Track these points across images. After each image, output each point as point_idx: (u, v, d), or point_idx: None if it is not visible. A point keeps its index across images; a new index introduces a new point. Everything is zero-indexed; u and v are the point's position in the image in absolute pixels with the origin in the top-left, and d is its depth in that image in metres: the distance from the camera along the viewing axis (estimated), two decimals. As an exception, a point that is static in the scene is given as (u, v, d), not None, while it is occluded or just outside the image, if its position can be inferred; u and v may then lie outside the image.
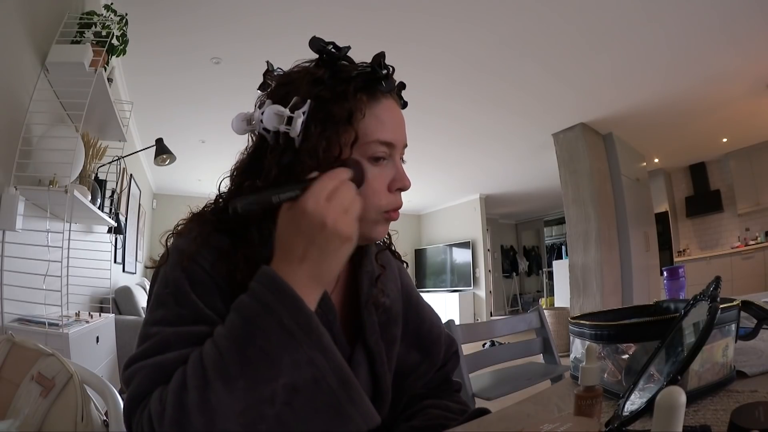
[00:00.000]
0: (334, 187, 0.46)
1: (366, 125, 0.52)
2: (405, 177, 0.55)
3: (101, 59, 1.69)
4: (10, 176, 1.40)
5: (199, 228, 0.52)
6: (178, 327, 0.46)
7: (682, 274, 1.15)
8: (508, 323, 1.67)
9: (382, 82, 0.53)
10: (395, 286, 0.66)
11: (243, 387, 0.40)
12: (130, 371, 0.45)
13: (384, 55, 0.53)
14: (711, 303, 0.48)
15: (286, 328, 0.42)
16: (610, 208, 4.41)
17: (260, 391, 0.40)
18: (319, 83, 0.51)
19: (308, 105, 0.50)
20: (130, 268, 3.91)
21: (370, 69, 0.53)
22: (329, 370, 0.43)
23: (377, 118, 0.53)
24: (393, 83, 0.55)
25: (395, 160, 0.55)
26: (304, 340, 0.42)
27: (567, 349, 0.76)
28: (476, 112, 4.02)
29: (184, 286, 0.48)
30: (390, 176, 0.54)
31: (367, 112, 0.52)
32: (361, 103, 0.52)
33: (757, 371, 0.58)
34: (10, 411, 0.74)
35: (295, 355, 0.42)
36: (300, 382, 0.41)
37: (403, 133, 0.56)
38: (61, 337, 1.37)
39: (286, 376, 0.41)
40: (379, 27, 2.68)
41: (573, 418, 0.42)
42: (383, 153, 0.53)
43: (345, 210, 0.46)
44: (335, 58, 0.52)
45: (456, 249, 7.71)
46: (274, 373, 0.41)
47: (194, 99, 3.49)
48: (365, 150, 0.52)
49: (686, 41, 2.95)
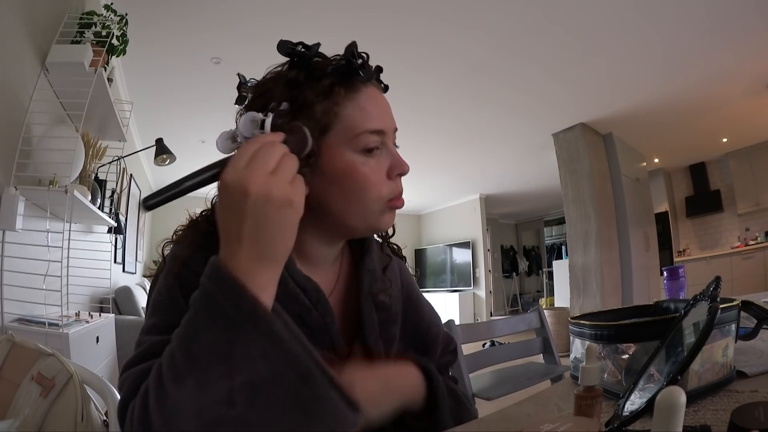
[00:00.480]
0: (254, 151, 0.41)
1: (351, 118, 0.51)
2: (402, 161, 0.55)
3: (101, 59, 1.69)
4: (10, 176, 1.40)
5: (193, 234, 0.52)
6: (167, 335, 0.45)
7: (682, 274, 1.15)
8: (508, 323, 1.67)
9: (360, 72, 0.52)
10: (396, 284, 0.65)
11: (193, 386, 0.37)
12: (121, 379, 0.45)
13: (356, 44, 0.51)
14: (711, 303, 0.48)
15: (229, 318, 0.38)
16: (610, 208, 4.41)
17: (213, 390, 0.37)
18: (295, 85, 0.50)
19: (283, 105, 0.49)
20: (130, 268, 3.91)
21: (345, 61, 0.51)
22: (285, 364, 0.38)
23: (361, 108, 0.52)
24: (370, 70, 0.53)
25: (388, 146, 0.55)
26: (251, 331, 0.38)
27: (567, 349, 0.76)
28: (476, 113, 4.02)
29: (175, 293, 0.47)
30: (387, 164, 0.54)
31: (349, 104, 0.51)
32: (340, 96, 0.50)
33: (757, 371, 0.58)
34: (10, 411, 0.74)
35: (246, 349, 0.38)
36: (258, 379, 0.38)
37: (390, 118, 0.55)
38: (61, 337, 1.37)
39: (242, 374, 0.37)
40: (378, 28, 2.68)
41: (573, 418, 0.42)
42: (375, 142, 0.52)
43: (270, 171, 0.40)
44: (306, 57, 0.51)
45: (456, 249, 7.71)
46: (225, 370, 0.37)
47: (194, 99, 3.49)
48: (356, 143, 0.51)
49: (686, 41, 2.95)
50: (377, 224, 0.55)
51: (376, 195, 0.52)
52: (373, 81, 0.55)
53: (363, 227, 0.55)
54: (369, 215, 0.53)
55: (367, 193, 0.52)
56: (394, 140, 0.57)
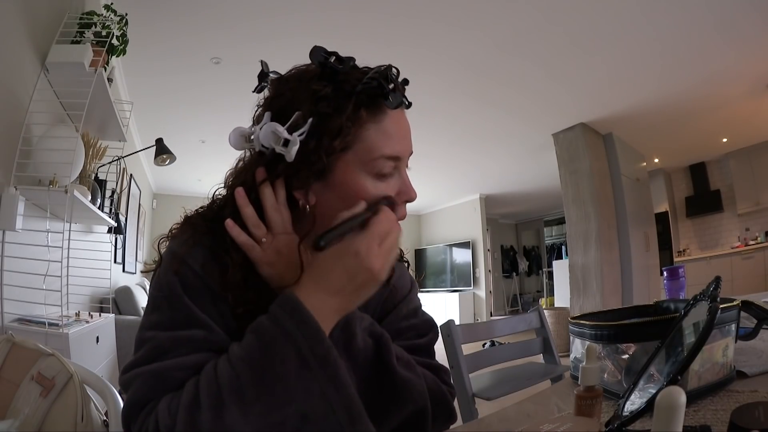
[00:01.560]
0: (386, 231, 0.47)
1: (372, 140, 0.50)
2: (411, 189, 0.55)
3: (101, 59, 1.69)
4: (10, 176, 1.40)
5: (191, 230, 0.53)
6: (172, 331, 0.46)
7: (682, 274, 1.15)
8: (508, 323, 1.67)
9: (389, 98, 0.50)
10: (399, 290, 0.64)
11: (258, 411, 0.40)
12: (127, 377, 0.45)
13: (391, 68, 0.50)
14: (711, 303, 0.48)
15: (303, 357, 0.42)
16: (610, 208, 4.41)
17: (274, 416, 0.41)
18: (321, 99, 0.49)
19: (308, 125, 0.48)
20: (130, 268, 3.91)
21: (377, 83, 0.49)
22: (340, 405, 0.42)
23: (383, 132, 0.51)
24: (399, 98, 0.50)
25: (401, 171, 0.54)
26: (318, 372, 0.42)
27: (567, 349, 0.76)
28: (476, 113, 4.02)
29: (176, 289, 0.48)
30: (396, 189, 0.53)
31: (372, 126, 0.50)
32: (364, 119, 0.49)
33: (757, 371, 0.58)
34: (10, 411, 0.74)
35: (308, 385, 0.42)
36: (311, 411, 0.42)
37: (408, 142, 0.55)
38: (61, 337, 1.37)
39: (297, 403, 0.41)
40: (378, 29, 2.68)
41: (573, 418, 0.42)
42: (390, 168, 0.52)
43: (391, 257, 0.47)
44: (338, 71, 0.49)
45: (456, 249, 7.70)
46: (287, 399, 0.41)
47: (194, 99, 3.49)
48: (372, 167, 0.50)
49: (686, 41, 2.95)
50: None
51: None
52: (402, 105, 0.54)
53: None
54: None
55: None
56: (407, 164, 0.56)
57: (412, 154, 0.56)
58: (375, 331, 0.53)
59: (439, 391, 0.57)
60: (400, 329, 0.60)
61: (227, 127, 0.59)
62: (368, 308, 0.58)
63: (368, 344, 0.52)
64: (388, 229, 0.47)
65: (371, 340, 0.53)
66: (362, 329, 0.52)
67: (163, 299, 0.48)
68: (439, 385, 0.57)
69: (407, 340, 0.60)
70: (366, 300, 0.48)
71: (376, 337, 0.53)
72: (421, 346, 0.61)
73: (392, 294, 0.62)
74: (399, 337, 0.60)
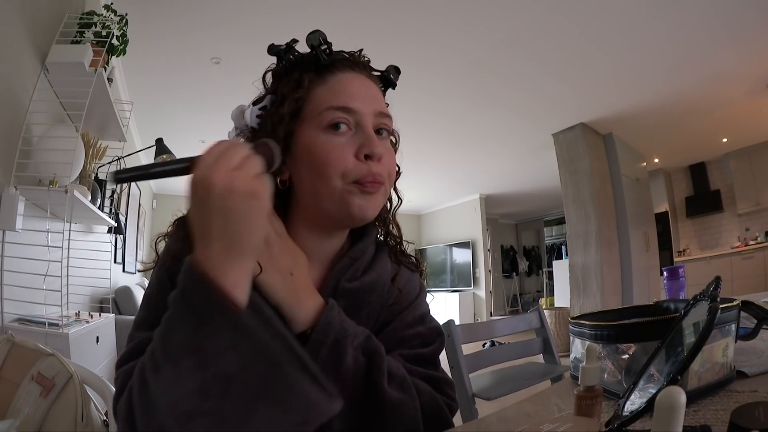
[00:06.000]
0: (220, 150, 0.41)
1: (318, 98, 0.53)
2: (373, 143, 0.52)
3: (101, 59, 1.69)
4: (10, 176, 1.40)
5: (184, 228, 0.52)
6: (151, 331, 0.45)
7: (682, 274, 1.15)
8: (508, 323, 1.67)
9: (323, 56, 0.54)
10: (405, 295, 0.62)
11: (168, 379, 0.38)
12: (115, 375, 0.47)
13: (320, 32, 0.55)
14: (711, 303, 0.48)
15: (199, 312, 0.39)
16: (610, 208, 4.41)
17: (186, 383, 0.38)
18: (274, 78, 0.57)
19: (267, 100, 0.55)
20: (130, 268, 3.91)
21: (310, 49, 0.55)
22: (254, 353, 0.39)
23: (330, 88, 0.54)
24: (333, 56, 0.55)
25: (364, 128, 0.53)
26: (220, 322, 0.39)
27: (567, 349, 0.76)
28: (476, 112, 4.02)
29: (165, 287, 0.47)
30: (357, 144, 0.52)
31: (319, 87, 0.54)
32: (308, 82, 0.54)
33: (757, 371, 0.58)
34: (10, 411, 0.74)
35: (216, 341, 0.39)
36: (229, 370, 0.38)
37: (367, 100, 0.54)
38: (61, 337, 1.37)
39: (214, 366, 0.38)
40: (379, 27, 2.68)
41: (573, 418, 0.42)
42: (340, 118, 0.52)
43: (235, 167, 0.40)
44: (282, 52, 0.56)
45: (456, 249, 7.71)
46: (196, 362, 0.38)
47: (194, 99, 3.49)
48: (320, 121, 0.52)
49: (686, 41, 2.95)
50: (348, 207, 0.52)
51: (336, 171, 0.51)
52: (357, 68, 0.56)
53: (335, 210, 0.53)
54: (336, 195, 0.51)
55: (327, 169, 0.51)
56: (381, 125, 0.55)
57: (383, 114, 0.56)
58: (369, 347, 0.51)
59: (436, 407, 0.54)
60: (405, 337, 0.58)
61: (227, 127, 0.59)
62: (372, 311, 0.58)
63: (360, 363, 0.49)
64: (223, 149, 0.41)
65: (364, 358, 0.50)
66: (354, 347, 0.49)
67: (150, 298, 0.50)
68: (437, 402, 0.55)
69: (411, 349, 0.58)
70: (257, 228, 0.42)
71: (370, 355, 0.50)
72: (425, 356, 0.58)
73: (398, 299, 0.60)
74: (403, 345, 0.58)
